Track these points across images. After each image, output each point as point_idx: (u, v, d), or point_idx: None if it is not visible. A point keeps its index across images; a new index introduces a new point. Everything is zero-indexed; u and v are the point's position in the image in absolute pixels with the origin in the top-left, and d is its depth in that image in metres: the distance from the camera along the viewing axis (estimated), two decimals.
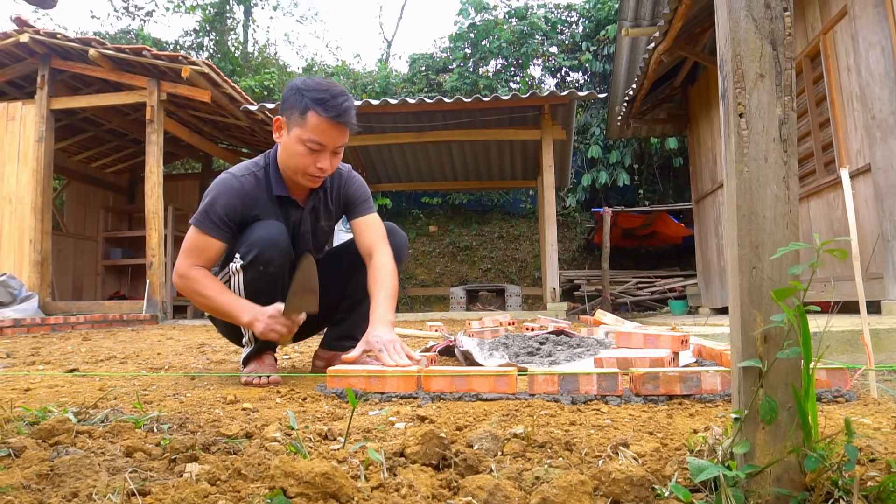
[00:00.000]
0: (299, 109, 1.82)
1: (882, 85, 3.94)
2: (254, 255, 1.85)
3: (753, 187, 0.82)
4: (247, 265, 1.86)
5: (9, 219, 7.03)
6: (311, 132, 1.81)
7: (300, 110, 1.81)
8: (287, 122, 1.87)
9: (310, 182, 1.92)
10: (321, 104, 1.79)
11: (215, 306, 1.86)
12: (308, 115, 1.80)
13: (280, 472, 0.81)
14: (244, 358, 2.05)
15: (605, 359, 1.82)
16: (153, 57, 6.60)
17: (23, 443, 1.01)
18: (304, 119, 1.81)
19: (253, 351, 2.02)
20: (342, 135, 1.86)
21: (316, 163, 1.85)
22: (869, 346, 1.45)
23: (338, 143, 1.86)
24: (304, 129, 1.81)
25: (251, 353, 2.03)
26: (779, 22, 0.83)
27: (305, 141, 1.82)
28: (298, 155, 1.85)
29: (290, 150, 1.87)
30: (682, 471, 0.88)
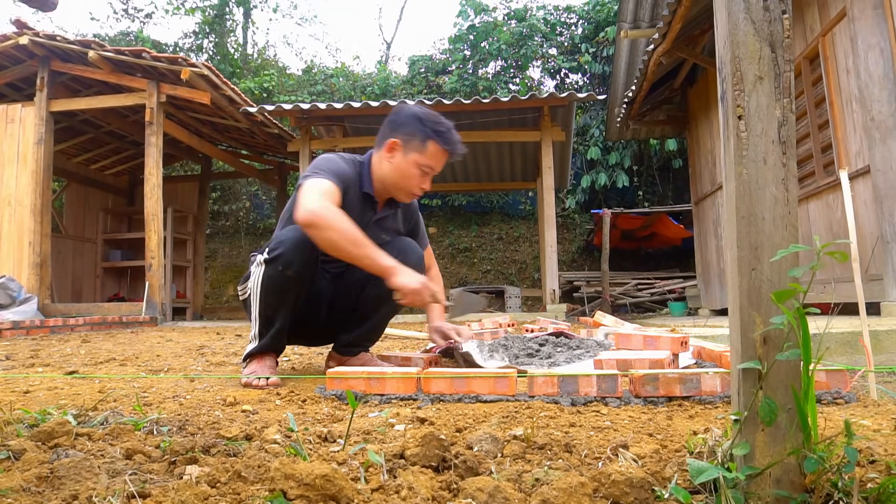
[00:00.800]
0: (420, 138, 2.04)
1: (881, 87, 3.95)
2: (277, 254, 1.92)
3: (752, 189, 0.82)
4: (269, 260, 1.93)
5: (8, 221, 7.03)
6: (428, 159, 2.05)
7: (421, 138, 2.04)
8: (404, 145, 2.06)
9: (406, 198, 2.17)
10: (441, 136, 2.04)
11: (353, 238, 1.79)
12: (428, 144, 2.04)
13: (280, 474, 0.81)
14: (246, 354, 2.06)
15: (605, 360, 1.82)
16: (153, 59, 6.60)
17: (22, 445, 1.01)
18: (424, 146, 2.04)
19: (256, 349, 2.02)
20: (444, 162, 2.13)
21: (421, 184, 2.10)
22: (868, 348, 1.45)
23: (440, 169, 2.14)
24: (422, 155, 2.04)
25: (254, 351, 2.03)
26: (777, 24, 0.83)
27: (422, 165, 2.05)
28: (411, 176, 2.07)
29: (403, 170, 2.07)
30: (682, 472, 0.88)
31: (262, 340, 2.01)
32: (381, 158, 2.11)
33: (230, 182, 13.78)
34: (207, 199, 11.16)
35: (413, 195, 2.14)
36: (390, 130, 2.09)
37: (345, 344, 2.26)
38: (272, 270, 1.93)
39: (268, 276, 1.94)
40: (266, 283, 1.94)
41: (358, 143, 8.12)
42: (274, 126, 8.31)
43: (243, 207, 14.04)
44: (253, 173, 10.67)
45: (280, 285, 1.94)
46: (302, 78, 15.88)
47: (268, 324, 1.99)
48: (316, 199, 1.83)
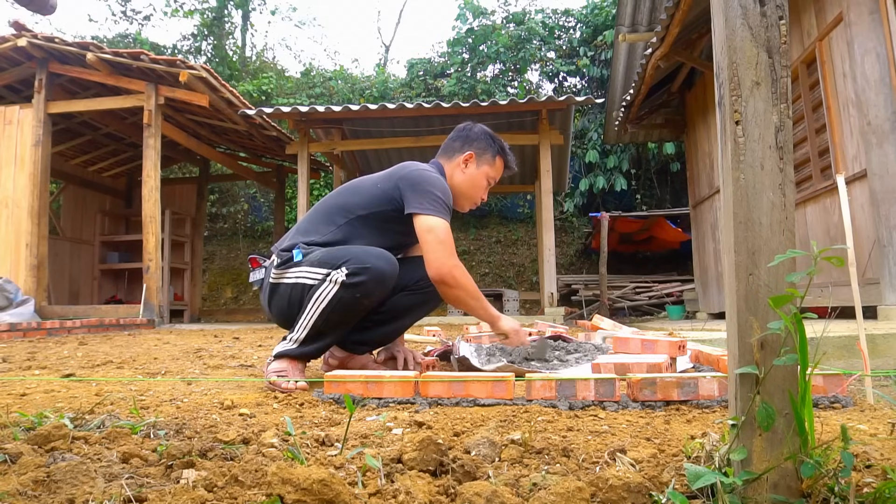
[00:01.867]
0: (492, 153, 2.24)
1: (877, 91, 3.96)
2: (360, 281, 1.89)
3: (750, 194, 0.82)
4: (348, 284, 1.89)
5: (5, 223, 7.01)
6: (495, 172, 2.27)
7: (492, 154, 2.25)
8: (478, 158, 2.24)
9: (470, 207, 2.30)
10: (506, 154, 2.29)
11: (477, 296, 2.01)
12: (497, 160, 2.26)
13: (277, 478, 0.80)
14: (280, 352, 1.98)
15: (603, 364, 1.82)
16: (151, 61, 6.60)
17: (19, 449, 1.00)
18: (494, 161, 2.25)
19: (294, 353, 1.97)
20: None
21: (483, 194, 2.29)
22: (865, 352, 1.45)
23: None
24: (492, 168, 2.25)
25: (290, 353, 1.97)
26: (774, 30, 0.84)
27: (490, 178, 2.26)
28: (479, 187, 2.25)
29: (474, 180, 2.24)
30: (680, 477, 0.88)
31: (304, 348, 1.96)
32: (453, 169, 2.24)
33: (228, 184, 13.78)
34: (205, 201, 11.16)
35: (475, 205, 2.29)
36: (463, 144, 2.24)
37: (356, 341, 2.23)
38: (348, 295, 1.89)
39: (340, 299, 1.90)
40: (335, 304, 1.90)
41: (356, 146, 8.12)
42: (272, 128, 8.32)
43: (241, 210, 14.03)
44: (251, 176, 10.66)
45: (350, 310, 1.94)
46: (300, 80, 15.89)
47: (318, 337, 1.96)
48: (450, 255, 1.97)
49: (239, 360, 2.89)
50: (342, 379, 1.71)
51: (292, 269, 2.01)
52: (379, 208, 2.06)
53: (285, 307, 2.06)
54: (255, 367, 2.64)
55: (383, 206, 2.06)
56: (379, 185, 2.11)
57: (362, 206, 2.08)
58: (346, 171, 9.44)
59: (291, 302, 2.02)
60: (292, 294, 2.00)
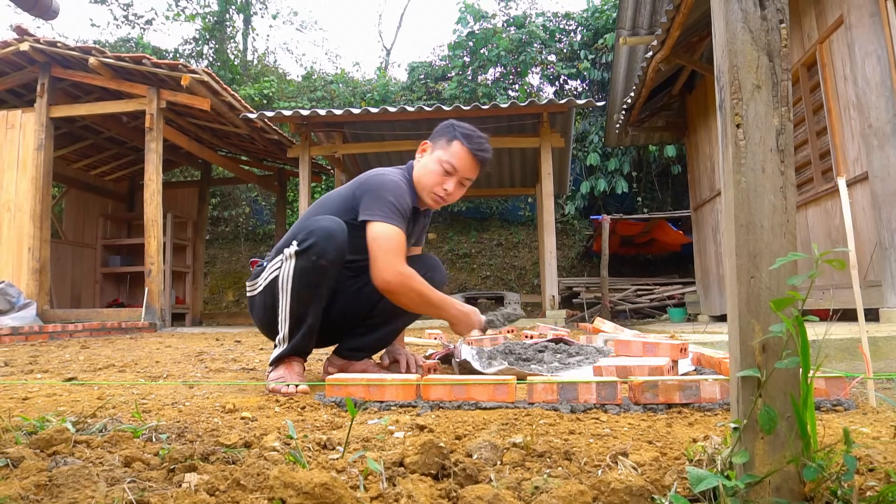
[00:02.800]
0: (447, 138, 2.11)
1: (878, 94, 3.96)
2: (310, 243, 1.89)
3: (751, 197, 0.82)
4: (301, 251, 1.90)
5: (7, 226, 7.03)
6: (450, 156, 2.08)
7: (448, 138, 2.11)
8: (433, 145, 2.15)
9: (432, 202, 2.14)
10: (467, 137, 2.09)
11: (432, 301, 1.96)
12: (453, 143, 2.09)
13: (279, 482, 0.80)
14: (274, 358, 2.01)
15: (605, 367, 1.82)
16: (153, 65, 6.61)
17: (21, 453, 1.00)
18: (449, 145, 2.10)
19: (286, 352, 1.98)
20: (474, 168, 2.12)
21: (444, 184, 2.09)
22: (867, 355, 1.45)
23: (467, 175, 2.11)
24: (446, 152, 2.09)
25: (282, 355, 1.99)
26: (775, 34, 0.84)
27: (443, 162, 2.08)
28: (433, 173, 2.09)
29: (427, 167, 2.11)
30: (682, 480, 0.88)
31: (293, 341, 1.96)
32: (415, 163, 2.20)
33: (230, 188, 13.80)
34: (207, 204, 11.17)
35: (436, 197, 2.11)
36: (429, 139, 2.19)
37: (351, 349, 2.25)
38: (305, 262, 1.89)
39: (301, 269, 1.90)
40: (299, 276, 1.90)
41: (357, 150, 8.13)
42: (274, 132, 8.33)
43: (243, 213, 14.04)
44: (252, 179, 10.68)
45: (314, 277, 1.91)
46: (302, 84, 15.92)
47: (299, 322, 1.95)
48: (392, 264, 1.90)
49: (240, 364, 2.89)
50: (344, 382, 1.71)
51: (261, 276, 2.07)
52: (349, 216, 2.03)
53: (263, 315, 2.09)
54: (256, 370, 2.64)
55: (346, 215, 2.03)
56: (343, 194, 2.12)
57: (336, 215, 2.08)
58: (348, 175, 9.44)
59: (266, 307, 2.04)
60: (266, 298, 2.04)
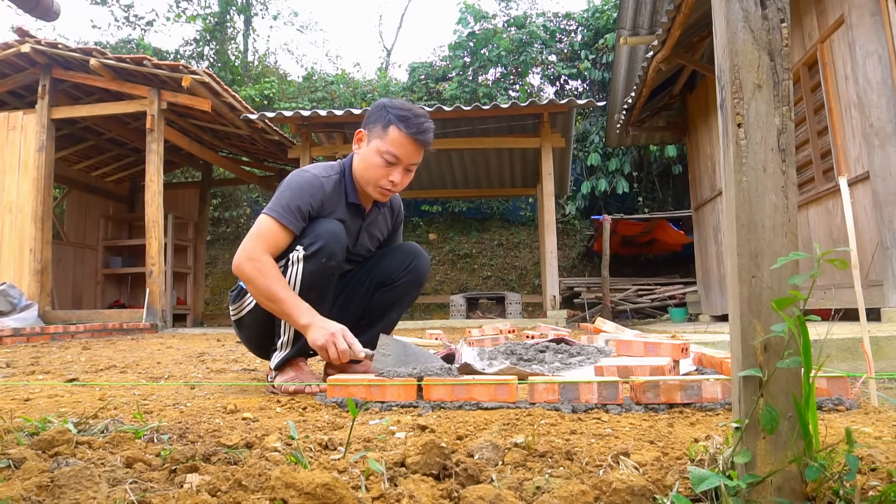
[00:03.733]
0: (382, 123, 1.94)
1: (879, 93, 3.96)
2: (319, 246, 1.86)
3: (752, 197, 0.82)
4: (310, 255, 1.87)
5: (9, 228, 7.04)
6: (389, 145, 1.92)
7: (383, 124, 1.93)
8: (368, 134, 1.98)
9: (379, 195, 2.00)
10: (403, 121, 1.91)
11: (276, 297, 1.81)
12: (389, 129, 1.92)
13: (281, 483, 0.80)
14: (279, 363, 1.98)
15: (606, 367, 1.82)
16: (154, 66, 6.62)
17: (22, 454, 1.01)
18: (385, 132, 1.93)
19: (289, 355, 1.97)
20: (418, 153, 1.97)
21: (388, 176, 1.95)
22: (869, 354, 1.45)
23: (412, 161, 1.97)
24: (383, 142, 1.92)
25: (287, 358, 1.97)
26: (776, 33, 0.84)
27: (383, 153, 1.92)
28: (374, 166, 1.94)
29: (367, 160, 1.96)
30: (684, 480, 0.88)
31: (300, 343, 1.95)
32: (354, 155, 2.05)
33: (231, 189, 13.81)
34: (208, 205, 11.18)
35: (383, 190, 1.98)
36: (362, 125, 2.03)
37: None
38: (314, 265, 1.86)
39: (310, 272, 1.87)
40: (307, 279, 1.87)
41: None
42: (274, 133, 8.33)
43: (244, 214, 14.05)
44: (253, 180, 10.68)
45: (322, 279, 1.90)
46: (302, 85, 15.94)
47: None
48: (250, 248, 1.85)
49: (242, 365, 2.90)
50: (345, 382, 1.71)
51: (243, 297, 2.03)
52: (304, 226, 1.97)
53: (257, 330, 2.05)
54: (257, 371, 2.64)
55: None
56: None
57: None
58: None
59: (259, 320, 2.00)
60: (258, 314, 1.98)
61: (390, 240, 2.33)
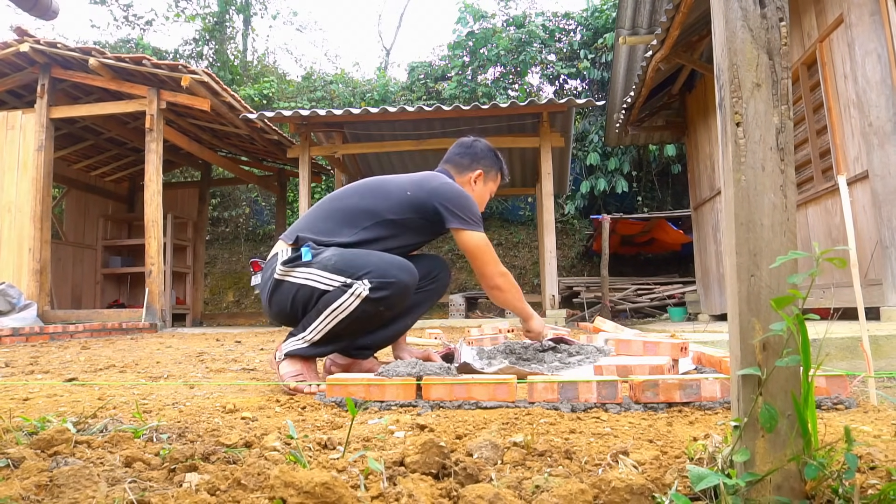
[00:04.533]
0: (496, 170, 2.42)
1: (878, 92, 3.96)
2: (384, 295, 1.91)
3: (751, 196, 0.82)
4: (373, 299, 1.90)
5: (8, 227, 7.03)
6: (496, 187, 2.45)
7: (496, 171, 2.43)
8: (485, 176, 2.40)
9: None
10: (503, 171, 2.46)
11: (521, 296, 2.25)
12: (499, 176, 2.45)
13: (280, 481, 0.80)
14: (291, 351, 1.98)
15: (605, 366, 1.82)
16: (153, 66, 6.62)
17: (21, 453, 1.00)
18: (497, 177, 2.44)
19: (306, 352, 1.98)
20: None
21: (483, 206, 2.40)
22: (868, 353, 1.45)
23: None
24: (495, 184, 2.44)
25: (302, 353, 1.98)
26: (775, 32, 0.84)
27: (492, 193, 2.44)
28: (484, 201, 2.40)
29: (482, 197, 2.40)
30: (683, 479, 0.88)
31: (319, 349, 1.99)
32: (464, 184, 2.35)
33: (230, 188, 13.80)
34: (207, 205, 11.17)
35: None
36: (472, 161, 2.37)
37: (357, 347, 2.23)
38: (371, 308, 1.91)
39: (363, 311, 1.91)
40: (357, 315, 1.92)
41: (357, 150, 8.13)
42: (273, 132, 8.33)
43: (243, 214, 14.04)
44: (252, 179, 10.68)
45: (371, 320, 1.97)
46: (301, 84, 15.92)
47: (333, 339, 1.98)
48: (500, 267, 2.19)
49: (241, 364, 2.90)
50: (344, 382, 1.71)
51: (300, 268, 1.97)
52: (408, 215, 2.11)
53: (287, 307, 2.04)
54: (257, 370, 2.64)
55: (413, 213, 2.12)
56: (409, 192, 2.13)
57: (392, 212, 2.10)
58: (348, 175, 9.45)
59: (295, 302, 2.00)
60: (297, 294, 1.98)
61: None
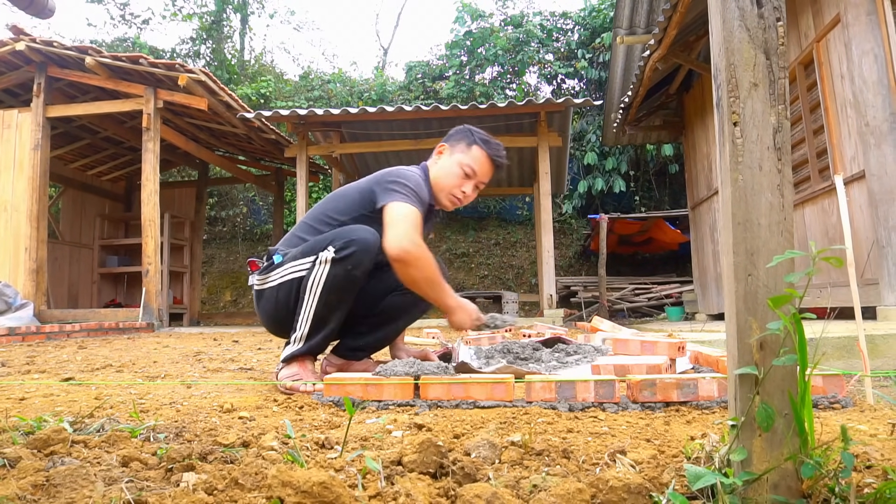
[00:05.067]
0: (467, 142, 2.20)
1: (875, 92, 3.97)
2: (349, 252, 1.89)
3: (748, 195, 0.82)
4: (339, 259, 1.89)
5: (4, 227, 7.01)
6: (471, 160, 2.18)
7: (467, 143, 2.20)
8: (451, 148, 2.22)
9: (449, 203, 2.21)
10: (486, 143, 2.20)
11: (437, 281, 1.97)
12: (473, 147, 2.19)
13: (277, 481, 0.80)
14: (289, 355, 2.00)
15: (603, 366, 1.82)
16: (150, 65, 6.60)
17: (18, 453, 1.00)
18: (469, 149, 2.19)
19: (302, 350, 1.98)
20: (490, 173, 2.23)
21: (462, 186, 2.18)
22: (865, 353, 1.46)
23: (483, 179, 2.22)
24: (466, 156, 2.18)
25: (298, 353, 1.99)
26: (772, 31, 0.84)
27: (464, 165, 2.17)
28: (453, 175, 2.17)
29: (447, 169, 2.19)
30: (680, 478, 0.88)
31: (312, 342, 1.97)
32: (431, 164, 2.25)
33: (227, 188, 13.78)
34: (204, 204, 11.16)
35: (453, 199, 2.19)
36: (443, 142, 2.26)
37: (351, 348, 2.25)
38: (340, 270, 1.90)
39: (334, 276, 1.90)
40: (331, 283, 1.90)
41: (355, 149, 8.13)
42: (271, 132, 8.32)
43: (240, 213, 14.02)
44: (250, 179, 10.67)
45: (345, 286, 1.93)
46: (299, 84, 15.90)
47: (320, 324, 1.96)
48: (410, 234, 1.92)
49: (238, 364, 2.89)
50: (342, 381, 1.71)
51: (274, 270, 2.04)
52: (360, 212, 2.07)
53: (272, 310, 2.06)
54: (254, 370, 2.64)
55: (364, 209, 2.07)
56: (361, 188, 2.13)
57: (344, 212, 2.10)
58: (345, 174, 9.44)
59: (279, 303, 2.02)
60: (279, 294, 2.01)
61: None
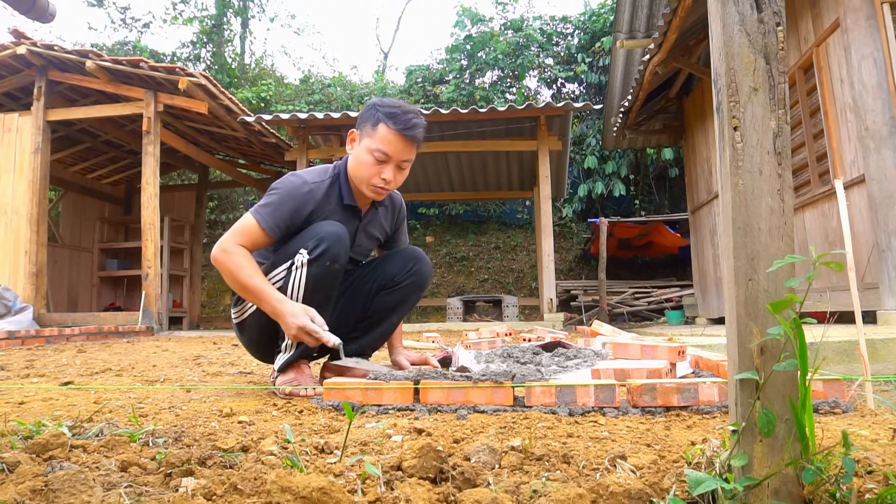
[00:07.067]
0: (371, 122, 1.95)
1: (875, 96, 3.98)
2: (323, 249, 1.86)
3: (748, 200, 0.82)
4: (314, 259, 1.87)
5: (4, 230, 7.01)
6: (379, 142, 1.93)
7: (372, 123, 1.95)
8: (360, 133, 2.00)
9: (373, 194, 2.00)
10: (392, 118, 1.92)
11: (249, 286, 1.83)
12: (379, 127, 1.93)
13: (276, 486, 0.80)
14: (281, 365, 1.98)
15: (603, 370, 1.82)
16: (150, 69, 6.61)
17: (16, 457, 1.00)
18: (375, 130, 1.94)
19: (293, 357, 1.97)
20: (408, 149, 1.96)
21: (380, 174, 1.95)
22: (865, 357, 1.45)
23: (403, 157, 1.97)
24: (373, 140, 1.93)
25: (290, 360, 1.97)
26: (772, 36, 0.84)
27: (373, 151, 1.93)
28: (366, 164, 1.95)
29: (358, 159, 1.98)
30: (680, 483, 0.88)
31: (301, 346, 1.93)
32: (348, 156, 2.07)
33: (227, 191, 13.78)
34: (204, 208, 11.15)
35: (376, 188, 1.98)
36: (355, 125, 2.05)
37: (350, 353, 2.22)
38: (318, 268, 1.87)
39: (315, 276, 1.87)
40: (312, 283, 1.88)
41: None
42: (271, 135, 8.33)
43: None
44: (250, 182, 10.67)
45: (326, 282, 1.91)
46: (299, 87, 15.93)
47: None
48: (223, 242, 1.88)
49: (238, 368, 2.89)
50: (342, 386, 1.70)
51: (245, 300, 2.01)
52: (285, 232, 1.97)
53: (259, 334, 2.05)
54: (254, 374, 2.63)
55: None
56: None
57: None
58: None
59: (262, 324, 1.98)
60: (261, 317, 1.95)
61: (394, 238, 2.32)
